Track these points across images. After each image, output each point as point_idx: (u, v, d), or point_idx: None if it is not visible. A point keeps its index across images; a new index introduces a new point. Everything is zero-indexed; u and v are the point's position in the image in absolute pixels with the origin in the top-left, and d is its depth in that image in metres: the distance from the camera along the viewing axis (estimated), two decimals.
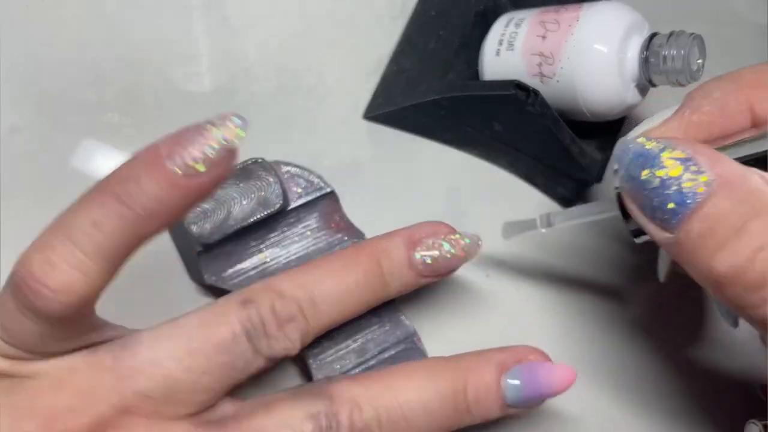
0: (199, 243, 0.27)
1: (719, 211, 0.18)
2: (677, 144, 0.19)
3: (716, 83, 0.22)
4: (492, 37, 0.31)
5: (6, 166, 0.29)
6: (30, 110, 0.30)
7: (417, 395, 0.23)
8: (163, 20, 0.32)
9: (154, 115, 0.31)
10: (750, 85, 0.21)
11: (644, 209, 0.19)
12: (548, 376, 0.23)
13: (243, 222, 0.27)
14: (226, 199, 0.27)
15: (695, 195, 0.18)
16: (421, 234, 0.25)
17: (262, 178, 0.27)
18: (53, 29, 0.31)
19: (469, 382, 0.23)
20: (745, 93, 0.21)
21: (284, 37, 0.33)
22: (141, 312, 0.24)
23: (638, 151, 0.19)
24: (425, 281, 0.25)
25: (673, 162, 0.19)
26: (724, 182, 0.18)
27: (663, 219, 0.19)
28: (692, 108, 0.22)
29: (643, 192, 0.19)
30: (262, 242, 0.28)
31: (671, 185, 0.18)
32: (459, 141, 0.33)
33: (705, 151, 0.19)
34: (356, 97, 0.33)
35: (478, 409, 0.23)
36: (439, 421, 0.23)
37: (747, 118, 0.21)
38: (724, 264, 0.18)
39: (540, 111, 0.28)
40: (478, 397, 0.23)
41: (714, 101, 0.22)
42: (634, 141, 0.20)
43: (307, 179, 0.29)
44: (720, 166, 0.18)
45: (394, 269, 0.25)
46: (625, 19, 0.27)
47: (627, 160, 0.20)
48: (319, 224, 0.29)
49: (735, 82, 0.22)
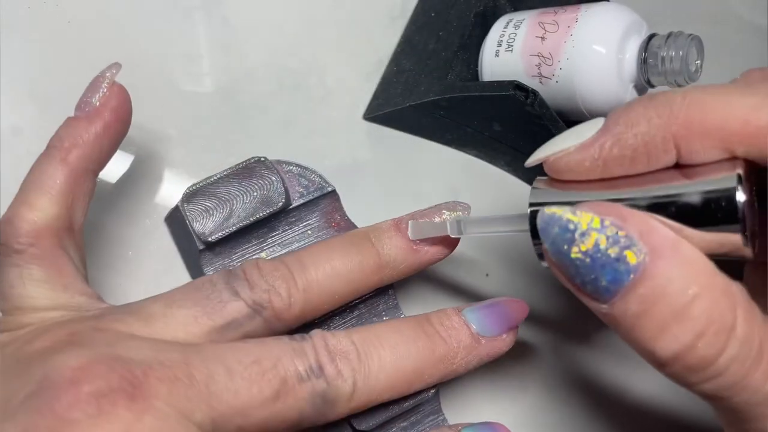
0: (201, 241, 0.27)
1: (657, 291, 0.17)
2: (605, 213, 0.18)
3: (643, 112, 0.19)
4: (491, 38, 0.31)
5: (7, 166, 0.29)
6: (31, 111, 0.30)
7: (388, 327, 0.24)
8: (164, 21, 0.32)
9: (155, 115, 0.31)
10: (681, 123, 0.19)
11: (573, 282, 0.19)
12: (503, 308, 0.25)
13: (245, 220, 0.27)
14: (228, 198, 0.27)
15: (629, 272, 0.17)
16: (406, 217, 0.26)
17: (264, 177, 0.27)
18: (54, 30, 0.31)
19: (432, 315, 0.25)
20: (673, 131, 0.19)
21: (285, 38, 0.33)
22: None
23: (563, 226, 0.18)
24: (419, 250, 0.26)
25: (603, 236, 0.18)
26: (657, 255, 0.17)
27: (595, 293, 0.18)
28: (614, 138, 0.20)
29: (573, 268, 0.18)
30: (264, 241, 0.28)
31: (603, 262, 0.18)
32: (459, 141, 0.33)
33: (634, 220, 0.18)
34: (356, 98, 0.33)
35: (447, 333, 0.24)
36: (418, 350, 0.24)
37: (672, 157, 0.19)
38: (664, 350, 0.17)
39: (539, 111, 0.28)
40: (442, 322, 0.25)
41: (638, 135, 0.19)
42: (557, 213, 0.18)
43: (308, 179, 0.29)
44: (652, 237, 0.18)
45: (383, 237, 0.26)
46: (623, 20, 0.27)
47: (552, 233, 0.18)
48: (320, 223, 0.29)
49: (663, 116, 0.19)
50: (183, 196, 0.27)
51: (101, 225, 0.29)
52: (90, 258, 0.29)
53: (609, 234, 0.18)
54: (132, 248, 0.29)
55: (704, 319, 0.17)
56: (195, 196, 0.27)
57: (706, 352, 0.17)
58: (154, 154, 0.31)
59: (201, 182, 0.27)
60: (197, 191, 0.27)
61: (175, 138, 0.31)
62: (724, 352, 0.17)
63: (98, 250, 0.29)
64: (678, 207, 0.19)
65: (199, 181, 0.27)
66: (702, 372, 0.17)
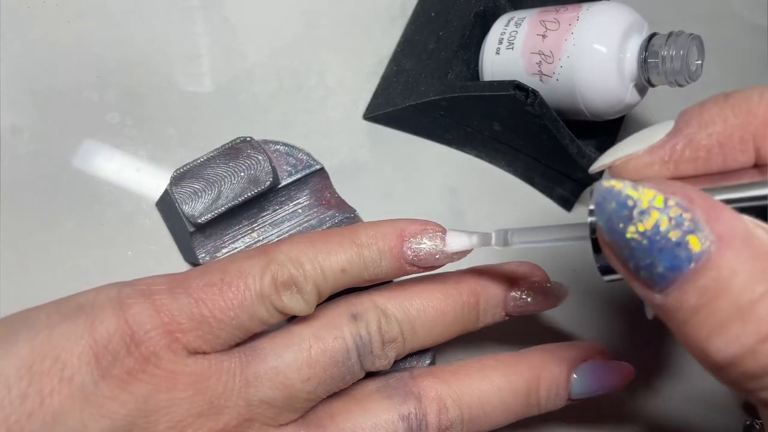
0: (192, 223, 0.27)
1: (720, 284, 0.15)
2: (669, 192, 0.16)
3: (718, 111, 0.18)
4: (492, 36, 0.31)
5: (6, 166, 0.29)
6: (31, 110, 0.30)
7: (496, 391, 0.24)
8: (164, 21, 0.32)
9: (155, 115, 0.31)
10: (761, 122, 0.18)
11: (628, 265, 0.17)
12: (611, 374, 0.25)
13: (234, 201, 0.27)
14: (215, 179, 0.27)
15: (691, 259, 0.15)
16: (518, 274, 0.26)
17: (250, 157, 0.27)
18: (54, 29, 0.31)
19: (542, 379, 0.24)
20: (751, 129, 0.18)
21: (285, 38, 0.33)
22: None
23: (622, 201, 0.16)
24: (510, 317, 0.26)
25: (665, 216, 0.16)
26: (725, 245, 0.15)
27: (650, 280, 0.16)
28: (686, 139, 0.19)
29: (628, 250, 0.16)
30: (255, 221, 0.28)
31: (661, 246, 0.16)
32: (459, 141, 0.33)
33: (702, 203, 0.16)
34: (356, 98, 0.33)
35: (547, 403, 0.25)
36: (512, 414, 0.25)
37: (750, 157, 0.18)
38: (722, 351, 0.15)
39: (539, 111, 0.28)
40: (549, 394, 0.24)
41: (713, 135, 0.18)
42: (617, 187, 0.16)
43: (296, 157, 0.29)
44: (721, 223, 0.16)
45: (489, 308, 0.26)
46: (624, 20, 0.27)
47: (608, 209, 0.16)
48: (310, 201, 0.29)
49: (741, 115, 0.18)
50: (171, 179, 0.27)
51: (101, 225, 0.29)
52: (90, 258, 0.29)
53: (672, 215, 0.16)
54: (132, 248, 0.29)
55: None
56: (183, 178, 0.27)
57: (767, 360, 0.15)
58: (155, 154, 0.31)
59: (188, 164, 0.27)
60: (185, 174, 0.27)
61: (175, 138, 0.31)
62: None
63: (98, 250, 0.29)
64: (755, 207, 0.17)
65: (186, 163, 0.27)
66: (762, 379, 0.16)
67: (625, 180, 0.17)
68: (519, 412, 0.25)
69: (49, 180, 0.29)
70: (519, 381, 0.24)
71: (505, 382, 0.24)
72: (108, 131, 0.30)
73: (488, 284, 0.25)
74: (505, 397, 0.24)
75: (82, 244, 0.29)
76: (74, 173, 0.30)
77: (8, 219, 0.28)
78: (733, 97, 0.18)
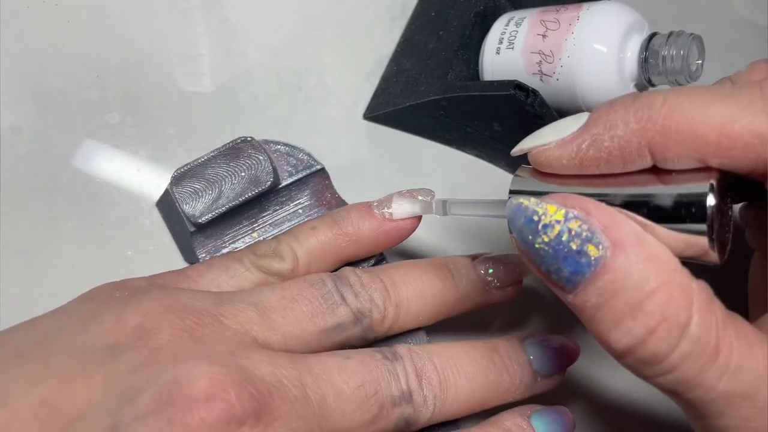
0: (192, 223, 0.27)
1: (615, 285, 0.18)
2: (570, 205, 0.18)
3: (623, 114, 0.19)
4: (492, 36, 0.31)
5: (6, 166, 0.29)
6: (31, 110, 0.30)
7: (462, 348, 0.25)
8: (164, 21, 0.32)
9: (155, 115, 0.31)
10: (658, 129, 0.18)
11: (541, 269, 0.19)
12: (563, 350, 0.26)
13: (234, 201, 0.27)
14: (216, 179, 0.27)
15: (590, 265, 0.18)
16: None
17: (251, 157, 0.27)
18: (54, 30, 0.31)
19: (499, 344, 0.25)
20: (649, 137, 0.19)
21: (284, 38, 0.33)
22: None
23: (529, 216, 0.19)
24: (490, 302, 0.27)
25: (565, 228, 0.18)
26: (619, 250, 0.18)
27: (559, 282, 0.19)
28: (591, 138, 0.20)
29: (538, 257, 0.19)
30: (255, 221, 0.28)
31: (565, 254, 0.18)
32: (459, 141, 0.33)
33: (598, 213, 0.18)
34: (356, 97, 0.33)
35: (513, 369, 0.25)
36: (488, 383, 0.24)
37: (647, 161, 0.19)
38: (618, 342, 0.18)
39: (539, 111, 0.28)
40: (510, 356, 0.25)
41: (614, 138, 0.19)
42: (524, 204, 0.19)
43: (296, 157, 0.29)
44: (615, 231, 0.18)
45: (460, 268, 0.26)
46: (624, 19, 0.27)
47: (519, 224, 0.19)
48: (310, 202, 0.29)
49: (641, 121, 0.19)
50: (172, 179, 0.27)
51: (101, 225, 0.29)
52: (90, 258, 0.29)
53: (571, 227, 0.18)
54: (132, 248, 0.29)
55: (657, 315, 0.17)
56: (184, 178, 0.27)
57: (657, 348, 0.17)
58: (155, 154, 0.31)
59: (188, 164, 0.27)
60: (185, 173, 0.27)
61: (175, 138, 0.31)
62: (676, 348, 0.17)
63: (98, 250, 0.29)
64: (650, 208, 0.19)
65: (186, 163, 0.27)
66: (654, 366, 0.18)
67: (532, 197, 0.19)
68: (488, 364, 0.25)
69: (49, 180, 0.29)
70: (480, 346, 0.25)
71: (470, 345, 0.25)
72: (108, 131, 0.30)
73: (455, 257, 0.27)
74: (468, 349, 0.25)
75: (81, 244, 0.29)
76: (74, 173, 0.30)
77: (8, 219, 0.28)
78: (639, 100, 0.19)
